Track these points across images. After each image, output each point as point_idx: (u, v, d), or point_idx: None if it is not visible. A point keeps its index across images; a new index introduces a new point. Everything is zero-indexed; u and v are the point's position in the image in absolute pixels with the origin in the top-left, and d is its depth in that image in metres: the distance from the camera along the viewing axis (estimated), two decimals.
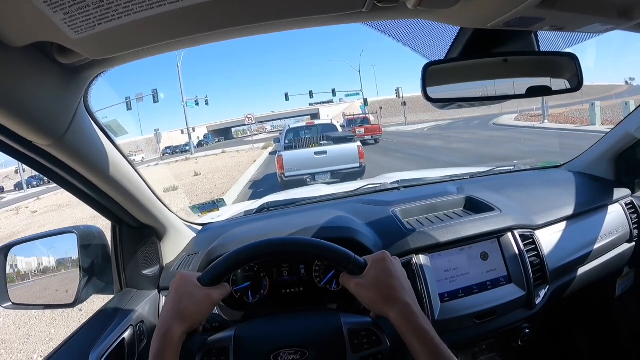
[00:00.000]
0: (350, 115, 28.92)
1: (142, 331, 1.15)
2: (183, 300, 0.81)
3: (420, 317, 0.77)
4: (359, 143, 9.72)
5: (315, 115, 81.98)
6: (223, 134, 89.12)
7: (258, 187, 11.34)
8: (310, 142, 9.89)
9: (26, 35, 0.59)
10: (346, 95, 52.86)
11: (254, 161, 19.88)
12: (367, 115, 28.17)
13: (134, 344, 1.09)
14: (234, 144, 45.32)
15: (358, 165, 9.19)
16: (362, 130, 18.69)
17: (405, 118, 38.02)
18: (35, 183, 39.69)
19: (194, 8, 0.57)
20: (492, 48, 0.95)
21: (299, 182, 8.73)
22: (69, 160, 0.90)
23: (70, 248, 1.23)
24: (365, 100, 51.28)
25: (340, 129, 12.28)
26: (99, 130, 0.97)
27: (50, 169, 0.91)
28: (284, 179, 9.16)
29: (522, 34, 0.94)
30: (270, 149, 26.03)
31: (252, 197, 9.64)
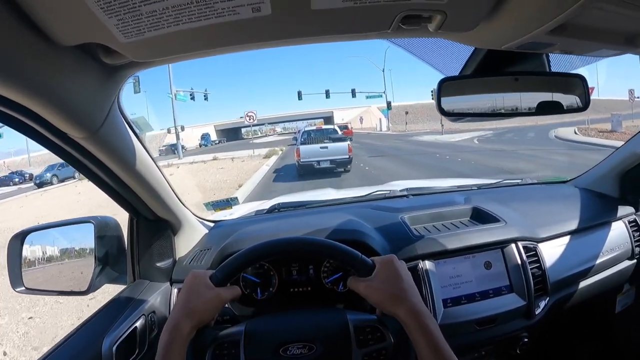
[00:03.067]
0: (342, 124, 40.30)
1: (154, 321, 1.18)
2: (193, 298, 0.85)
3: (427, 316, 0.81)
4: (349, 142, 14.29)
5: (329, 119, 79.74)
6: (231, 134, 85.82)
7: None
8: (318, 139, 14.66)
9: (77, 35, 0.62)
10: (367, 97, 46.32)
11: (239, 186, 12.26)
12: (348, 124, 43.05)
13: (145, 333, 1.13)
14: (235, 146, 41.21)
15: (347, 156, 13.53)
16: (342, 133, 20.74)
17: (442, 125, 31.31)
18: (17, 179, 35.83)
19: (236, 23, 0.61)
20: (504, 67, 0.99)
21: (309, 167, 13.43)
22: (99, 153, 0.94)
23: (86, 237, 1.27)
24: (389, 104, 46.30)
25: (340, 132, 17.04)
26: (128, 127, 1.01)
27: (79, 160, 0.96)
28: (300, 163, 13.66)
29: (533, 55, 0.99)
30: (273, 160, 20.34)
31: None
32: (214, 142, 66.99)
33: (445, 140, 26.51)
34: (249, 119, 26.24)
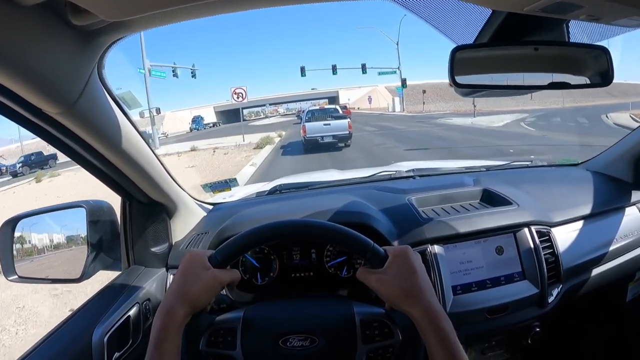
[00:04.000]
0: (342, 104, 40.98)
1: (148, 309, 1.14)
2: (188, 281, 0.80)
3: (442, 317, 0.76)
4: (349, 120, 16.38)
5: (334, 99, 78.57)
6: (231, 116, 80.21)
7: None
8: (321, 118, 16.58)
9: None
10: (380, 73, 40.12)
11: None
12: (347, 104, 45.65)
13: (139, 322, 1.08)
14: (232, 130, 35.73)
15: (347, 132, 15.40)
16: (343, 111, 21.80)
17: (475, 106, 26.23)
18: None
19: None
20: (523, 35, 0.92)
21: (314, 141, 15.25)
22: (79, 130, 0.88)
23: (78, 222, 1.22)
24: (404, 81, 41.05)
25: (341, 111, 18.35)
26: (112, 101, 0.94)
27: (59, 139, 0.90)
28: (306, 138, 15.46)
29: (553, 23, 0.91)
30: (267, 151, 16.85)
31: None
32: (208, 125, 60.93)
33: (485, 124, 21.84)
34: (237, 97, 23.04)
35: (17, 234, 1.24)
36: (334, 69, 35.80)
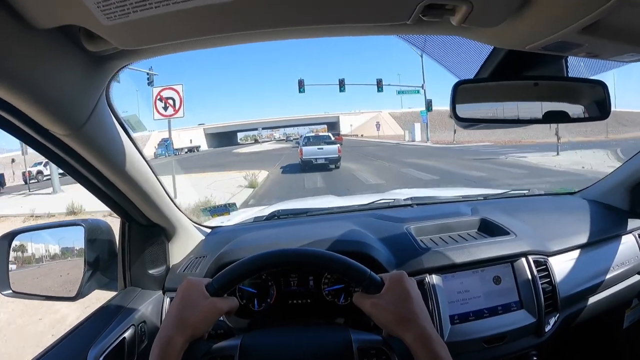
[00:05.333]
0: (334, 133, 37.77)
1: (144, 332, 1.13)
2: (187, 309, 0.79)
3: (437, 342, 0.75)
4: (339, 145, 19.21)
5: (335, 124, 76.76)
6: (224, 139, 79.12)
7: None
8: (316, 143, 19.63)
9: (54, 17, 0.57)
10: (399, 92, 35.10)
11: None
12: (339, 134, 44.54)
13: (134, 344, 1.07)
14: (209, 158, 32.67)
15: (337, 155, 18.05)
16: (334, 138, 23.62)
17: (559, 138, 17.69)
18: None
19: (232, 4, 0.55)
20: (523, 71, 0.94)
21: (309, 162, 18.13)
22: (85, 153, 0.88)
23: (76, 241, 1.22)
24: (429, 104, 34.09)
25: (333, 138, 21.61)
26: (118, 124, 0.95)
27: (64, 160, 0.90)
28: (302, 159, 18.47)
29: (553, 59, 0.93)
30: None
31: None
32: (181, 150, 51.40)
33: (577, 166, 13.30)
34: (165, 108, 16.51)
35: (13, 249, 1.23)
36: (342, 85, 29.90)
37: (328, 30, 0.70)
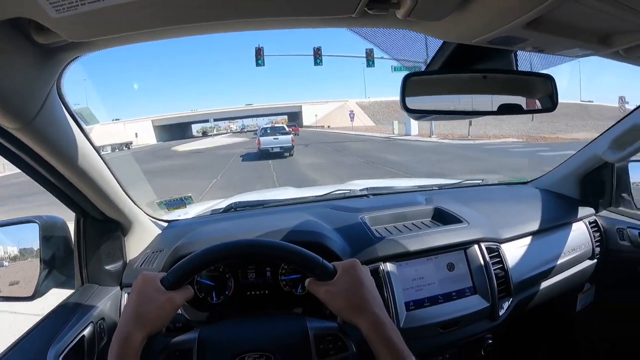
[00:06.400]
0: (290, 124, 40.73)
1: (103, 329, 1.11)
2: (144, 304, 0.79)
3: (390, 327, 0.77)
4: (292, 136, 21.82)
5: (297, 114, 73.70)
6: (176, 131, 72.26)
7: None
8: (272, 133, 21.76)
9: (2, 9, 0.56)
10: (396, 69, 26.03)
11: None
12: (295, 125, 44.10)
13: (93, 342, 1.06)
14: (143, 157, 26.13)
15: (290, 144, 20.58)
16: (290, 129, 25.82)
17: None
18: None
19: None
20: (472, 64, 0.96)
21: (266, 151, 20.24)
22: (36, 147, 0.86)
23: (31, 238, 1.18)
24: None
25: (287, 129, 23.50)
26: (70, 117, 0.93)
27: (16, 154, 0.88)
28: (260, 148, 20.72)
29: (502, 52, 0.96)
30: None
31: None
32: (102, 148, 30.89)
33: None
34: None
35: None
36: (318, 56, 23.40)
37: (275, 23, 0.71)
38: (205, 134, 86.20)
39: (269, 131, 22.60)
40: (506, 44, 0.78)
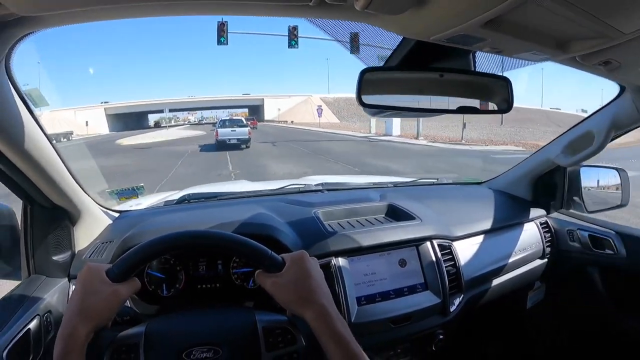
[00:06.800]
0: (248, 118, 41.17)
1: (50, 322, 1.07)
2: (88, 297, 0.76)
3: (337, 319, 0.77)
4: (249, 128, 22.51)
5: (258, 108, 71.83)
6: (131, 121, 67.09)
7: None
8: (230, 125, 22.35)
9: None
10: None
11: None
12: (254, 118, 44.72)
13: (40, 335, 1.02)
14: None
15: (247, 137, 21.13)
16: (249, 122, 26.67)
17: None
18: None
19: None
20: (430, 62, 0.98)
21: (223, 142, 20.75)
22: None
23: None
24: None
25: (245, 122, 24.20)
26: (18, 98, 0.89)
27: None
28: (217, 140, 21.14)
29: (460, 52, 0.97)
30: None
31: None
32: None
33: None
34: None
35: None
36: (294, 37, 18.42)
37: (231, 7, 0.70)
38: (157, 125, 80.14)
39: (227, 123, 23.36)
40: (464, 43, 0.80)
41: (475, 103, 1.07)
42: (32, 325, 0.99)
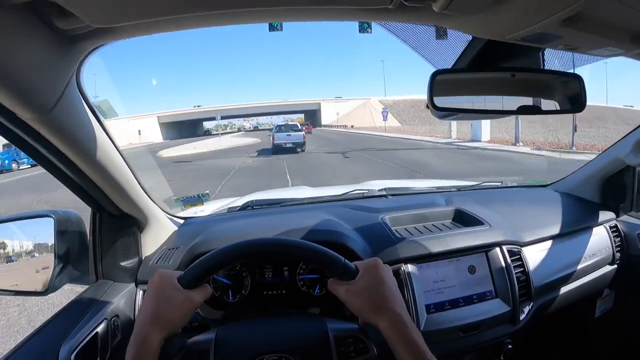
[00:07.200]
0: (303, 123, 43.67)
1: (117, 325, 1.10)
2: (162, 304, 0.77)
3: (411, 328, 0.75)
4: (303, 132, 23.66)
5: (314, 112, 70.80)
6: (186, 129, 68.10)
7: None
8: (285, 130, 23.67)
9: None
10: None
11: None
12: (309, 123, 47.29)
13: (107, 339, 1.04)
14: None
15: (302, 140, 22.14)
16: (303, 127, 28.21)
17: None
18: None
19: None
20: (500, 62, 0.94)
21: (279, 146, 21.82)
22: (53, 138, 0.84)
23: (46, 233, 1.17)
24: None
25: (300, 126, 25.32)
26: (89, 109, 0.91)
27: (31, 145, 0.86)
28: (274, 144, 22.42)
29: (529, 50, 0.94)
30: None
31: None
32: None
33: None
34: None
35: None
36: None
37: (309, 13, 0.69)
38: (208, 132, 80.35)
39: (283, 128, 24.63)
40: (539, 42, 0.77)
41: (546, 103, 1.02)
42: (100, 328, 1.02)
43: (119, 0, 0.57)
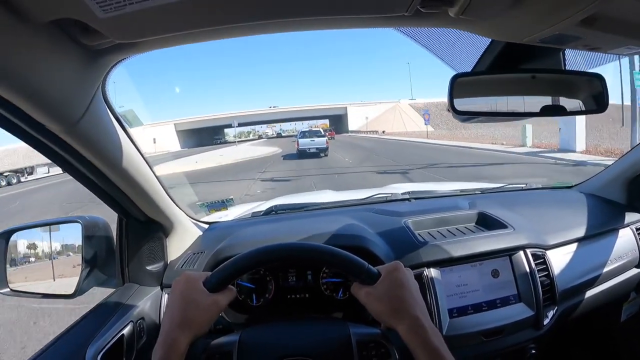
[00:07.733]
0: (327, 129, 41.44)
1: (142, 328, 1.12)
2: (189, 308, 0.77)
3: (431, 332, 0.74)
4: (327, 138, 25.08)
5: (340, 117, 68.15)
6: (205, 136, 67.42)
7: None
8: (309, 136, 24.72)
9: (50, 10, 0.56)
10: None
11: None
12: (332, 129, 48.83)
13: (133, 341, 1.07)
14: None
15: (325, 146, 23.33)
16: (327, 134, 29.78)
17: None
18: None
19: None
20: (520, 63, 0.94)
21: (304, 151, 23.32)
22: (81, 148, 0.87)
23: (73, 238, 1.21)
24: None
25: (323, 132, 26.93)
26: (114, 119, 0.94)
27: (61, 155, 0.89)
28: (298, 149, 23.71)
29: (550, 51, 0.93)
30: None
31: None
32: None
33: None
34: None
35: (10, 246, 1.22)
36: None
37: (326, 22, 0.70)
38: (219, 140, 76.63)
39: (307, 134, 25.83)
40: (558, 43, 0.76)
41: (569, 103, 1.00)
42: (126, 331, 1.05)
43: (141, 18, 0.59)
